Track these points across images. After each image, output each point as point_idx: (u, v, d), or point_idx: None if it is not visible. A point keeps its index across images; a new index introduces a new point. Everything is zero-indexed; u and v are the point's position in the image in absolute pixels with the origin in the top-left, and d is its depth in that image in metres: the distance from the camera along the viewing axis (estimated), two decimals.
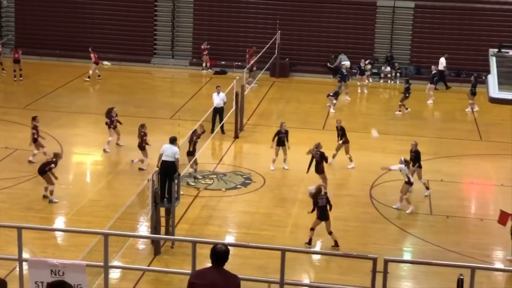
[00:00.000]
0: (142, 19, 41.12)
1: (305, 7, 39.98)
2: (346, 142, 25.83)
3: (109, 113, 26.89)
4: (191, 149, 23.99)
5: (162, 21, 41.32)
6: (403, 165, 22.38)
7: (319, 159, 23.16)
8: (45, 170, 22.31)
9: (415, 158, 23.62)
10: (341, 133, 25.94)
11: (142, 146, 24.74)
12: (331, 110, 32.73)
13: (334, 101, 32.96)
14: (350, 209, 22.62)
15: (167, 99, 34.46)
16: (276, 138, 25.39)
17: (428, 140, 29.11)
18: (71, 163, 26.24)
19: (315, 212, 19.93)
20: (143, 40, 41.15)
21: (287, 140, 25.47)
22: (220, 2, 40.39)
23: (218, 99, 28.66)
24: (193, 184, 23.99)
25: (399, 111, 32.89)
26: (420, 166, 23.66)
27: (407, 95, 32.79)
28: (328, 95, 32.91)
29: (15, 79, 35.83)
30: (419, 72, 39.06)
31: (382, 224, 21.71)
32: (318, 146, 23.39)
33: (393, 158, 26.22)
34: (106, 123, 26.81)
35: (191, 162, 23.87)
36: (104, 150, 26.60)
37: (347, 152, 25.72)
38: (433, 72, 35.74)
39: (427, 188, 23.72)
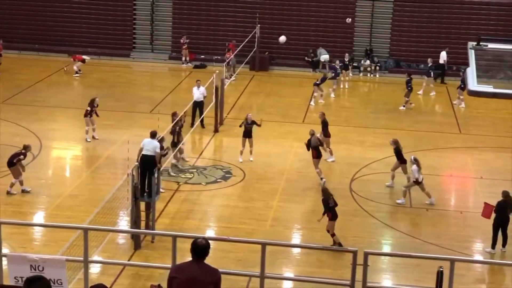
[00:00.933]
0: (121, 13, 40.95)
1: (284, 0, 39.96)
2: (327, 136, 25.83)
3: (91, 103, 26.87)
4: (175, 140, 24.04)
5: (141, 15, 41.17)
6: (414, 166, 22.34)
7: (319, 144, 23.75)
8: (14, 162, 22.18)
9: (396, 155, 23.71)
10: (323, 126, 25.97)
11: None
12: (311, 103, 32.81)
13: (322, 92, 33.05)
14: None
15: (147, 93, 34.35)
16: (242, 129, 25.46)
17: (407, 133, 29.24)
18: (50, 158, 26.09)
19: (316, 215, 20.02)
20: (122, 34, 40.99)
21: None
22: None
23: (198, 93, 28.64)
24: (174, 175, 23.99)
25: (404, 106, 32.74)
26: (403, 162, 23.70)
27: (409, 88, 32.63)
28: (315, 84, 32.87)
29: None
30: (398, 65, 39.23)
31: (361, 217, 21.78)
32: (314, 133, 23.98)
33: (372, 151, 26.41)
34: (86, 110, 26.71)
35: (175, 152, 23.92)
36: (86, 140, 26.66)
37: (327, 145, 25.76)
38: (429, 65, 35.72)
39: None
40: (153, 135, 20.72)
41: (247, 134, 25.44)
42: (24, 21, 40.86)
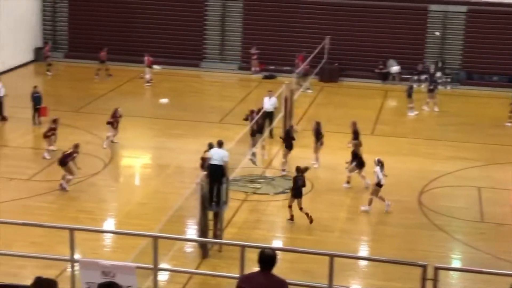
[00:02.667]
0: (192, 24, 41.39)
1: (354, 11, 39.83)
2: (321, 143, 26.15)
3: (114, 113, 27.75)
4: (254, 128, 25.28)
5: (212, 26, 41.55)
6: (377, 167, 22.25)
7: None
8: (66, 161, 23.10)
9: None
10: (316, 134, 26.17)
11: None
12: (413, 113, 32.72)
13: (412, 105, 32.95)
14: (397, 215, 22.46)
15: (216, 103, 34.60)
16: (311, 140, 25.94)
17: (479, 147, 28.75)
18: (120, 166, 26.53)
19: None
20: (193, 44, 41.42)
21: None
22: (270, 6, 40.48)
23: (269, 103, 28.73)
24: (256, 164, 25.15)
25: (510, 122, 32.13)
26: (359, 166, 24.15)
27: None
28: (408, 96, 33.08)
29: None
30: (470, 77, 38.60)
31: (430, 231, 21.49)
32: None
33: (443, 164, 26.06)
34: (109, 122, 27.44)
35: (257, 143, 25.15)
36: (103, 147, 27.33)
37: (315, 151, 26.06)
38: None
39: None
40: (220, 144, 20.86)
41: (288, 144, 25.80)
42: (98, 31, 41.66)
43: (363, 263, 19.60)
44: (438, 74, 38.54)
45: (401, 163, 26.35)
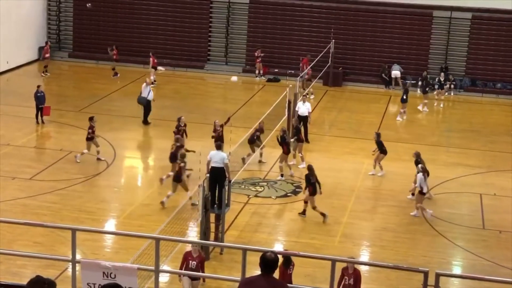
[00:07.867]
0: (197, 26, 41.40)
1: (359, 16, 39.81)
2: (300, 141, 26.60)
3: (178, 123, 26.90)
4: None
5: (217, 28, 41.55)
6: (420, 174, 22.23)
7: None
8: (90, 137, 25.49)
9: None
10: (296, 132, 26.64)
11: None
12: (398, 118, 32.72)
13: (405, 109, 32.91)
14: (399, 220, 22.46)
15: (220, 105, 34.60)
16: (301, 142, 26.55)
17: (481, 153, 28.74)
18: (123, 167, 26.53)
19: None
20: (198, 46, 41.43)
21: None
22: (275, 10, 40.48)
23: (303, 108, 28.72)
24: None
25: None
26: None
27: None
28: (403, 101, 33.03)
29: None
30: (474, 84, 38.55)
31: (432, 237, 21.49)
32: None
33: (444, 170, 26.03)
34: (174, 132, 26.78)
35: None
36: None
37: (299, 151, 26.50)
38: None
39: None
40: (218, 147, 20.90)
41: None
42: (102, 32, 41.71)
43: (364, 268, 19.55)
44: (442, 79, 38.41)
45: (403, 169, 26.31)
